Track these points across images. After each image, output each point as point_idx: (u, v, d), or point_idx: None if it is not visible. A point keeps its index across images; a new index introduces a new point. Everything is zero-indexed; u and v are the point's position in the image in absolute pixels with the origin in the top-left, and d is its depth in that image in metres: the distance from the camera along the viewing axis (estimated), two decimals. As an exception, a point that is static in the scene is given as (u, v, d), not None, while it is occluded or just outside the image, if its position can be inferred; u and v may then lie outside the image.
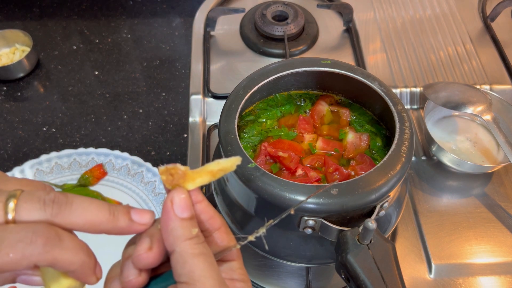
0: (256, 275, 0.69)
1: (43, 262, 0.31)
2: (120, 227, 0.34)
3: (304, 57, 0.65)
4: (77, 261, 0.32)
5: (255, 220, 0.56)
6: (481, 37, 1.00)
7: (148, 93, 0.98)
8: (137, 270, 0.35)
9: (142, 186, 0.81)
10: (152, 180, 0.81)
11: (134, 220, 0.35)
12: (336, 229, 0.49)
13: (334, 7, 1.02)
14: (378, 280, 0.45)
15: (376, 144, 0.62)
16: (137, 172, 0.82)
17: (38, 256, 0.31)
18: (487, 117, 0.76)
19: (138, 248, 0.34)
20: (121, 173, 0.83)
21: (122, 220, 0.34)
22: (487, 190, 0.79)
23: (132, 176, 0.82)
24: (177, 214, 0.34)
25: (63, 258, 0.31)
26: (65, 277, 0.34)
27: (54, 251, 0.31)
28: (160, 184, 0.81)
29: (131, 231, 0.35)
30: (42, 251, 0.31)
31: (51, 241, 0.31)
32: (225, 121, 0.56)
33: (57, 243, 0.31)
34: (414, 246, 0.72)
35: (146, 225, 0.35)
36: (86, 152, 0.84)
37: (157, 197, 0.80)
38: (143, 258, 0.34)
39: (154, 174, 0.82)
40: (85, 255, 0.33)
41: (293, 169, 0.57)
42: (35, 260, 0.31)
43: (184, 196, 0.35)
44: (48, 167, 0.83)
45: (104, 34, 1.09)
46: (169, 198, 0.34)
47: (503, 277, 0.70)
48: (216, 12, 0.99)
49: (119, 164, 0.83)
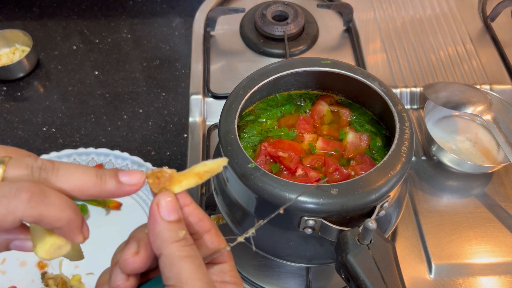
0: (256, 275, 0.69)
1: (29, 217, 0.31)
2: (108, 190, 0.34)
3: (304, 57, 0.65)
4: (64, 217, 0.32)
5: (255, 220, 0.56)
6: (481, 37, 1.00)
7: (148, 93, 0.98)
8: (125, 275, 0.35)
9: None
10: None
11: (122, 181, 0.34)
12: (336, 229, 0.49)
13: (334, 7, 1.02)
14: (378, 280, 0.45)
15: (376, 144, 0.62)
16: None
17: (23, 211, 0.30)
18: (487, 117, 0.76)
19: (125, 252, 0.34)
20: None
21: (110, 183, 0.34)
22: (487, 190, 0.79)
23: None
24: (164, 217, 0.34)
25: (49, 214, 0.31)
26: (51, 235, 0.34)
27: (39, 206, 0.31)
28: None
29: (120, 193, 0.35)
30: (27, 206, 0.30)
31: (36, 196, 0.31)
32: (225, 121, 0.56)
33: (42, 198, 0.31)
34: (414, 246, 0.72)
35: (136, 186, 0.35)
36: (86, 152, 0.84)
37: None
38: (129, 262, 0.34)
39: None
40: (72, 212, 0.33)
41: (293, 169, 0.57)
42: (20, 215, 0.30)
43: (170, 199, 0.35)
44: None
45: (104, 34, 1.09)
46: (155, 201, 0.34)
47: (503, 277, 0.70)
48: (216, 12, 0.99)
49: (119, 164, 0.83)
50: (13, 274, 0.73)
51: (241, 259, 0.70)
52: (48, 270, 0.73)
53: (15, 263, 0.73)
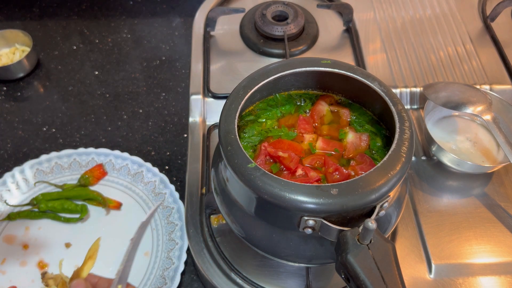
0: (256, 275, 0.69)
1: None
2: None
3: (304, 57, 0.65)
4: None
5: (255, 220, 0.56)
6: (481, 37, 1.00)
7: (148, 93, 0.98)
8: None
9: (142, 186, 0.81)
10: (152, 180, 0.81)
11: None
12: (336, 229, 0.49)
13: (334, 7, 1.02)
14: (378, 280, 0.45)
15: (376, 144, 0.62)
16: (137, 172, 0.82)
17: None
18: (487, 117, 0.76)
19: None
20: (121, 173, 0.83)
21: None
22: (487, 190, 0.79)
23: (132, 176, 0.82)
24: None
25: None
26: None
27: None
28: (160, 184, 0.81)
29: None
30: None
31: None
32: (225, 121, 0.56)
33: None
34: (414, 246, 0.72)
35: None
36: (86, 152, 0.84)
37: (157, 197, 0.80)
38: None
39: (154, 174, 0.82)
40: None
41: (293, 169, 0.57)
42: None
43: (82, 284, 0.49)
44: (48, 167, 0.83)
45: (104, 34, 1.09)
46: None
47: (503, 277, 0.70)
48: (216, 12, 0.99)
49: (119, 164, 0.83)
50: (13, 274, 0.73)
51: (241, 259, 0.70)
52: (48, 270, 0.73)
53: (15, 263, 0.74)
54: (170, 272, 0.71)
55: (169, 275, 0.71)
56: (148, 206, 0.79)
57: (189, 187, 0.77)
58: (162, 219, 0.77)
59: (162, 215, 0.78)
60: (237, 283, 0.68)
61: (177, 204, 0.79)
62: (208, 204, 0.74)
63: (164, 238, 0.75)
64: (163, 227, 0.76)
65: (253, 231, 0.57)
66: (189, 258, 0.74)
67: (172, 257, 0.73)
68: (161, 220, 0.77)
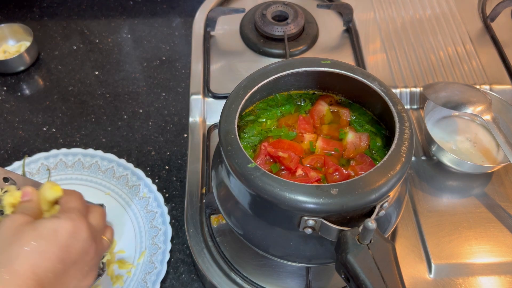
0: (256, 275, 0.69)
1: None
2: None
3: (304, 57, 0.65)
4: None
5: (255, 220, 0.56)
6: (481, 37, 1.00)
7: (148, 93, 0.98)
8: None
9: (137, 200, 0.80)
10: (147, 196, 0.80)
11: None
12: (336, 229, 0.49)
13: (334, 7, 1.02)
14: (378, 280, 0.45)
15: (376, 144, 0.62)
16: (135, 184, 0.81)
17: None
18: (487, 117, 0.76)
19: None
20: (120, 182, 0.82)
21: None
22: (487, 190, 0.79)
23: (130, 188, 0.81)
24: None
25: None
26: None
27: None
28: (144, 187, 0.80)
29: None
30: None
31: None
32: (225, 121, 0.56)
33: None
34: (414, 246, 0.72)
35: None
36: (91, 154, 0.84)
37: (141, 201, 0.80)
38: None
39: (150, 190, 0.80)
40: None
41: (293, 169, 0.57)
42: None
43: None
44: (53, 162, 0.83)
45: (104, 34, 1.09)
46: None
47: (503, 277, 0.70)
48: (216, 12, 0.99)
49: (120, 173, 0.82)
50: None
51: (241, 259, 0.70)
52: None
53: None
54: (152, 276, 0.71)
55: (151, 279, 0.71)
56: (129, 206, 0.79)
57: (189, 187, 0.77)
58: (145, 223, 0.77)
59: (145, 219, 0.77)
60: (237, 283, 0.68)
61: (161, 209, 0.78)
62: (208, 204, 0.74)
63: (147, 242, 0.75)
64: (147, 231, 0.76)
65: (253, 231, 0.57)
66: (189, 258, 0.74)
67: (154, 262, 0.72)
68: (145, 224, 0.77)
